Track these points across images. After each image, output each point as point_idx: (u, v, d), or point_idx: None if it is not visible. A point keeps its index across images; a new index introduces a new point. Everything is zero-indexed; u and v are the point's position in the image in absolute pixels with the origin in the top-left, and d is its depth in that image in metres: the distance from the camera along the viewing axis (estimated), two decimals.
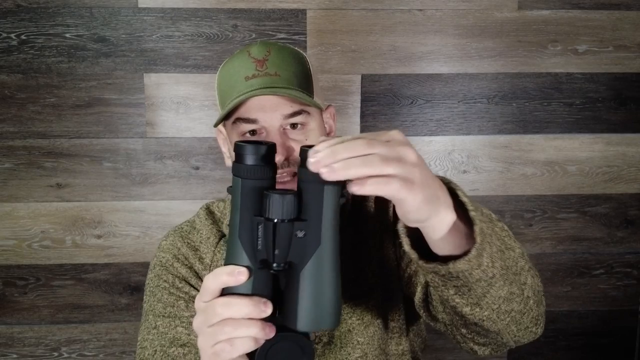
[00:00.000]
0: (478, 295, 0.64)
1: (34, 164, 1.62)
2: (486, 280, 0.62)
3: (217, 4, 1.59)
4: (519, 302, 0.67)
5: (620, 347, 1.83)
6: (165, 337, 0.87)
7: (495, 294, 0.64)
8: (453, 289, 0.64)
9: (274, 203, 0.58)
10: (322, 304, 0.60)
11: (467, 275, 0.61)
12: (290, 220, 0.58)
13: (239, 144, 0.61)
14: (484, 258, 0.60)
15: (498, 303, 0.65)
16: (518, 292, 0.67)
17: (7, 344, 1.69)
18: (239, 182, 0.60)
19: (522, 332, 0.71)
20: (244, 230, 0.60)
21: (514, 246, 0.67)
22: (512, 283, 0.65)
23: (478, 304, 0.65)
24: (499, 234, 0.65)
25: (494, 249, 0.62)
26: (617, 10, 1.67)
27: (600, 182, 1.75)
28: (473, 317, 0.67)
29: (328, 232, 0.59)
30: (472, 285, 0.63)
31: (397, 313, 0.92)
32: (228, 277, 0.59)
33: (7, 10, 1.56)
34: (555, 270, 1.78)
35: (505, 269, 0.64)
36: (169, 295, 0.91)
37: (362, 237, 0.94)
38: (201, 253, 0.95)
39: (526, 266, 0.68)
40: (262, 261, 0.60)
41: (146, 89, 1.62)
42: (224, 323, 0.58)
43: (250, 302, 0.59)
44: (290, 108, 0.85)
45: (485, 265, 0.61)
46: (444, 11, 1.64)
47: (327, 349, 0.89)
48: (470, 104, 1.69)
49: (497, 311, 0.66)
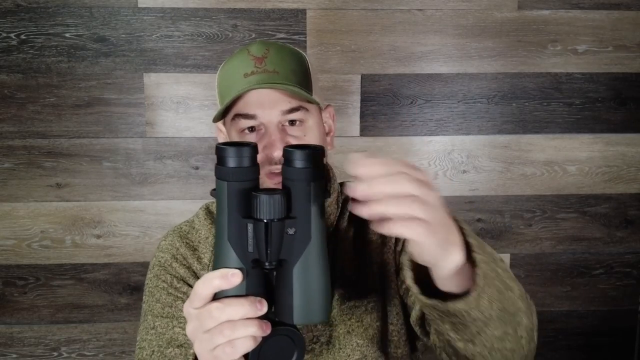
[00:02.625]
0: (473, 333, 0.64)
1: (33, 163, 1.62)
2: (483, 320, 0.63)
3: (217, 3, 1.59)
4: (512, 342, 0.68)
5: (620, 347, 1.83)
6: (163, 338, 0.88)
7: (490, 333, 0.65)
8: (449, 324, 0.65)
9: (263, 204, 0.58)
10: (315, 298, 0.61)
11: (464, 314, 0.62)
12: (280, 219, 0.59)
13: (220, 146, 0.60)
14: (483, 300, 0.61)
15: (491, 342, 0.66)
16: (512, 332, 0.67)
17: (6, 344, 1.69)
18: (224, 185, 0.60)
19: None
20: (233, 232, 0.60)
21: (514, 287, 0.67)
22: (508, 324, 0.66)
23: (472, 341, 0.66)
24: (501, 275, 0.65)
25: (493, 290, 0.62)
26: (617, 10, 1.67)
27: (600, 182, 1.75)
28: (465, 352, 0.68)
29: (317, 227, 0.60)
30: (469, 324, 0.63)
31: (396, 317, 0.92)
32: (221, 280, 0.59)
33: (7, 10, 1.56)
34: (555, 270, 1.78)
35: (502, 310, 0.64)
36: (167, 295, 0.91)
37: (363, 240, 0.94)
38: (200, 253, 0.95)
39: (523, 307, 0.68)
40: (254, 261, 0.61)
41: (146, 88, 1.62)
42: (222, 326, 0.58)
43: (247, 302, 0.59)
44: (289, 104, 0.85)
45: (484, 307, 0.61)
46: (444, 11, 1.64)
47: (325, 350, 0.89)
48: (470, 104, 1.69)
49: (489, 349, 0.66)
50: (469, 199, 1.72)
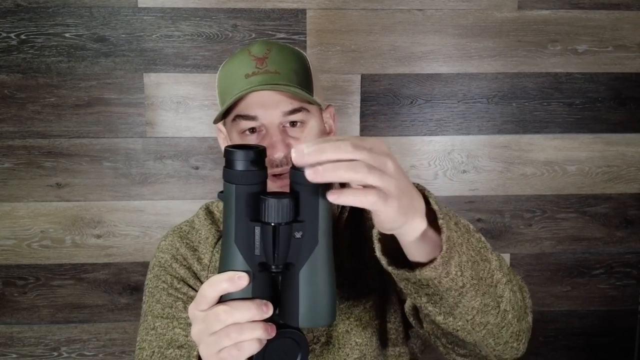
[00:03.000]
0: (450, 304, 0.64)
1: (33, 163, 1.62)
2: (456, 289, 0.62)
3: (217, 3, 1.59)
4: (495, 315, 0.67)
5: (620, 347, 1.83)
6: (163, 339, 0.87)
7: (468, 304, 0.64)
8: (425, 297, 0.65)
9: (271, 208, 0.58)
10: (321, 301, 0.61)
11: (436, 283, 0.61)
12: (288, 223, 0.59)
13: (229, 149, 0.60)
14: (451, 267, 0.61)
15: (472, 314, 0.65)
16: (493, 305, 0.66)
17: (6, 344, 1.69)
18: (233, 188, 0.60)
19: (502, 346, 0.71)
20: (240, 235, 0.60)
21: (490, 258, 0.66)
22: (486, 294, 0.65)
23: (451, 314, 0.65)
24: (474, 244, 0.64)
25: (463, 258, 0.62)
26: (617, 10, 1.67)
27: (599, 182, 1.75)
28: (447, 326, 0.67)
29: (324, 231, 0.60)
30: (443, 294, 0.63)
31: (394, 315, 0.92)
32: (228, 283, 0.59)
33: (7, 10, 1.56)
34: (554, 270, 1.78)
35: (477, 279, 0.63)
36: (168, 296, 0.91)
37: (360, 239, 0.94)
38: (200, 253, 0.95)
39: (504, 279, 0.68)
40: (260, 264, 0.61)
41: (146, 88, 1.62)
42: (228, 329, 0.58)
43: (253, 306, 0.59)
44: (290, 105, 0.85)
45: (454, 274, 0.61)
46: (444, 11, 1.64)
47: (325, 349, 0.89)
48: (470, 103, 1.69)
49: (471, 322, 0.66)
50: (469, 199, 1.72)
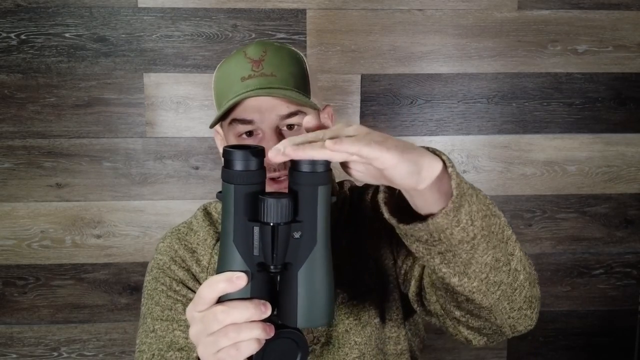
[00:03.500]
0: (463, 261, 0.64)
1: (33, 163, 1.62)
2: (468, 241, 0.62)
3: (217, 3, 1.59)
4: (507, 273, 0.67)
5: (620, 347, 1.83)
6: (163, 341, 0.87)
7: (480, 259, 0.64)
8: (438, 256, 0.64)
9: (270, 208, 0.59)
10: (319, 301, 0.61)
11: (447, 235, 0.61)
12: (287, 223, 0.59)
13: (228, 149, 0.61)
14: (462, 214, 0.61)
15: (485, 272, 0.65)
16: (504, 261, 0.67)
17: (6, 344, 1.69)
18: (231, 188, 0.60)
19: (516, 312, 0.71)
20: (239, 235, 0.60)
21: (499, 214, 0.67)
22: (497, 248, 0.65)
23: (465, 273, 0.65)
24: (482, 200, 0.64)
25: (473, 207, 0.62)
26: (617, 10, 1.67)
27: (599, 182, 1.75)
28: (462, 288, 0.67)
29: (322, 231, 0.61)
30: (456, 250, 0.63)
31: (395, 313, 0.92)
32: (226, 284, 0.59)
33: (7, 10, 1.56)
34: (554, 270, 1.78)
35: (487, 230, 0.64)
36: (167, 298, 0.91)
37: (359, 237, 0.94)
38: (198, 255, 0.95)
39: (513, 237, 0.68)
40: (259, 264, 0.61)
41: (146, 88, 1.62)
42: (226, 329, 0.58)
43: (251, 305, 0.59)
44: (287, 109, 0.85)
45: (465, 223, 0.61)
46: (444, 11, 1.64)
47: (325, 350, 0.89)
48: (470, 104, 1.69)
49: (485, 282, 0.66)
50: None
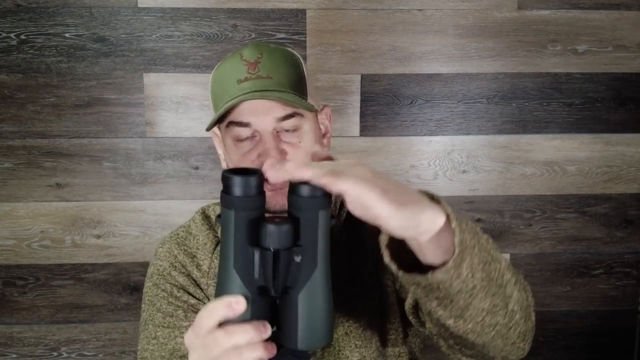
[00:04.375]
0: (461, 307, 0.64)
1: (33, 163, 1.62)
2: (467, 291, 0.62)
3: (217, 3, 1.59)
4: (504, 315, 0.67)
5: (620, 347, 1.83)
6: (165, 348, 0.87)
7: (478, 305, 0.64)
8: (435, 300, 0.64)
9: (271, 234, 0.58)
10: (319, 323, 0.61)
11: (447, 286, 0.61)
12: (287, 248, 0.59)
13: (227, 175, 0.60)
14: (463, 269, 0.60)
15: (482, 315, 0.65)
16: (502, 305, 0.66)
17: (6, 344, 1.69)
18: (232, 214, 0.60)
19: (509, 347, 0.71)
20: (239, 260, 0.60)
21: (500, 258, 0.66)
22: (495, 295, 0.65)
23: (461, 317, 0.65)
24: (484, 246, 0.64)
25: (475, 260, 0.61)
26: (617, 10, 1.67)
27: (599, 182, 1.75)
28: (457, 329, 0.67)
29: (323, 254, 0.61)
30: (454, 297, 0.62)
31: (394, 315, 0.92)
32: (226, 310, 0.59)
33: (7, 10, 1.56)
34: (554, 270, 1.78)
35: (487, 280, 0.63)
36: (168, 304, 0.91)
37: (359, 237, 0.94)
38: (198, 260, 0.94)
39: (512, 279, 0.68)
40: (259, 288, 0.61)
41: (146, 88, 1.62)
42: (228, 354, 0.58)
43: (250, 328, 0.59)
44: (283, 111, 0.84)
45: (465, 276, 0.61)
46: (444, 11, 1.64)
47: (326, 353, 0.89)
48: (470, 104, 1.69)
49: (481, 324, 0.66)
50: (469, 199, 1.72)
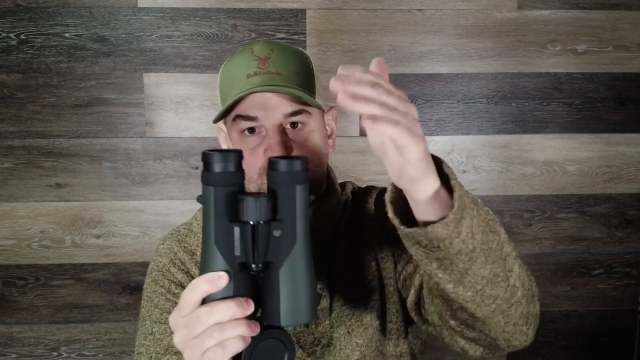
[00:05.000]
0: (460, 270, 0.64)
1: (33, 163, 1.62)
2: (467, 253, 0.62)
3: (217, 3, 1.59)
4: (505, 289, 0.67)
5: (620, 347, 1.83)
6: (161, 344, 0.87)
7: (478, 271, 0.64)
8: (436, 262, 0.65)
9: (249, 206, 0.60)
10: (301, 299, 0.62)
11: (447, 244, 0.61)
12: (266, 222, 0.61)
13: (207, 152, 0.62)
14: (462, 227, 0.61)
15: (481, 284, 0.65)
16: (503, 276, 0.66)
17: (6, 344, 1.69)
18: (211, 190, 0.61)
19: (511, 327, 0.71)
20: (220, 236, 0.61)
21: (500, 231, 0.67)
22: (495, 264, 0.65)
23: (461, 282, 0.65)
24: (484, 216, 0.65)
25: (474, 221, 0.62)
26: (617, 10, 1.67)
27: (599, 182, 1.75)
28: (456, 296, 0.67)
29: (302, 229, 0.62)
30: (454, 258, 0.63)
31: (395, 315, 0.92)
32: (208, 285, 0.60)
33: (7, 10, 1.56)
34: (554, 270, 1.78)
35: (486, 245, 0.64)
36: (166, 301, 0.91)
37: (361, 240, 0.94)
38: (198, 257, 0.94)
39: (513, 254, 0.68)
40: (240, 264, 0.62)
41: (146, 88, 1.62)
42: (211, 329, 0.59)
43: (233, 303, 0.59)
44: (290, 107, 0.85)
45: (465, 235, 0.61)
46: (444, 11, 1.64)
47: (326, 351, 0.89)
48: (470, 103, 1.69)
49: (480, 293, 0.66)
50: None
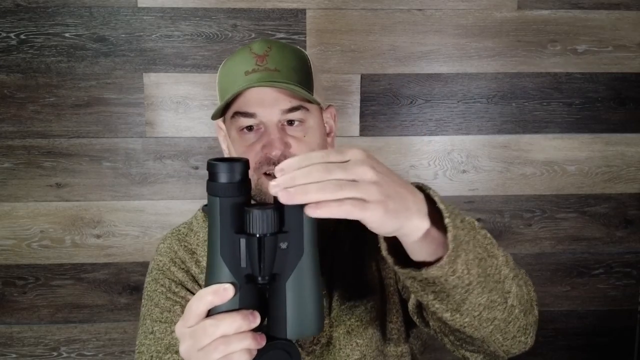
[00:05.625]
0: (457, 301, 0.64)
1: (33, 163, 1.62)
2: (463, 287, 0.62)
3: (217, 3, 1.59)
4: (502, 311, 0.67)
5: (620, 347, 1.83)
6: (161, 343, 0.87)
7: (475, 300, 0.64)
8: (432, 294, 0.64)
9: (255, 219, 0.59)
10: (308, 311, 0.61)
11: (442, 281, 0.61)
12: (273, 234, 0.59)
13: (212, 162, 0.61)
14: (458, 265, 0.60)
15: (479, 310, 0.65)
16: (500, 301, 0.66)
17: (6, 344, 1.69)
18: (217, 200, 0.60)
19: (510, 341, 0.71)
20: (225, 247, 0.60)
21: (497, 254, 0.66)
22: (493, 291, 0.65)
23: (458, 310, 0.65)
24: (481, 241, 0.64)
25: (470, 256, 0.61)
26: (617, 10, 1.67)
27: (599, 182, 1.75)
28: (454, 323, 0.67)
29: (309, 241, 0.60)
30: (450, 292, 0.62)
31: (396, 315, 0.92)
32: (214, 296, 0.59)
33: (7, 10, 1.56)
34: (554, 270, 1.78)
35: (484, 276, 0.63)
36: (166, 300, 0.91)
37: (361, 240, 0.94)
38: (198, 256, 0.95)
39: (510, 274, 0.67)
40: (247, 276, 0.61)
41: (145, 88, 1.62)
42: (216, 342, 0.58)
43: (239, 316, 0.59)
44: (289, 103, 0.85)
45: (460, 272, 0.61)
46: (444, 11, 1.64)
47: (325, 351, 0.89)
48: (470, 103, 1.69)
49: (478, 318, 0.66)
50: (469, 198, 1.72)
